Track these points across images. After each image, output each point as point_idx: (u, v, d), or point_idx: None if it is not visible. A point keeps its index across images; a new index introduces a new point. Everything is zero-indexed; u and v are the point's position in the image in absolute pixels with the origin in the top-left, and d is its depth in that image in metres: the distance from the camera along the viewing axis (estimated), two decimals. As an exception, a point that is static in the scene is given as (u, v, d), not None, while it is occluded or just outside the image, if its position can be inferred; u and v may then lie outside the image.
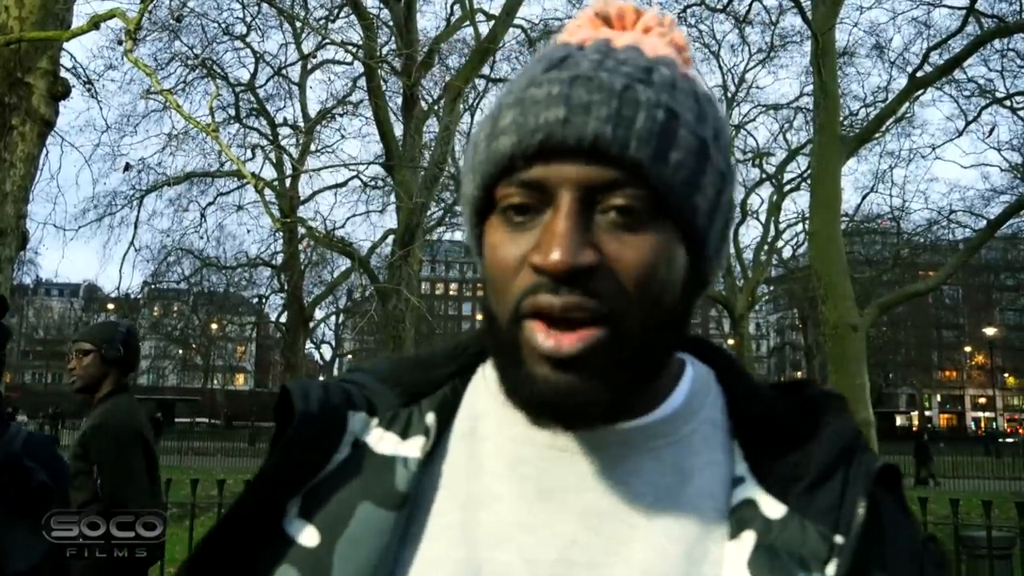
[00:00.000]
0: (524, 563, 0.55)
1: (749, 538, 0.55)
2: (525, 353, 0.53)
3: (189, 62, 16.58)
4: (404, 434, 0.61)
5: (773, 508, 0.56)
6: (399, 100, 14.64)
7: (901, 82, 16.44)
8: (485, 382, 0.64)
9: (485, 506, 0.58)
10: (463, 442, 0.62)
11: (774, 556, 0.54)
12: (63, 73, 5.11)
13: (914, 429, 51.37)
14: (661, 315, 0.55)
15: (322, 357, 45.75)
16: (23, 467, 1.50)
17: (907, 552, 0.57)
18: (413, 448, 0.60)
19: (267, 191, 9.54)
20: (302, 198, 21.54)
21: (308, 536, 0.57)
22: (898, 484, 0.60)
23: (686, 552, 0.55)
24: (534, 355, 0.53)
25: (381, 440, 0.61)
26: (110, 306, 31.19)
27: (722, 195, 0.57)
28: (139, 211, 18.39)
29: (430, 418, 0.62)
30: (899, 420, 52.97)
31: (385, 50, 14.10)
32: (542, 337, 0.52)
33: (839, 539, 0.54)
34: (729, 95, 24.33)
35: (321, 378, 0.67)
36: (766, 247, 25.84)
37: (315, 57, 18.62)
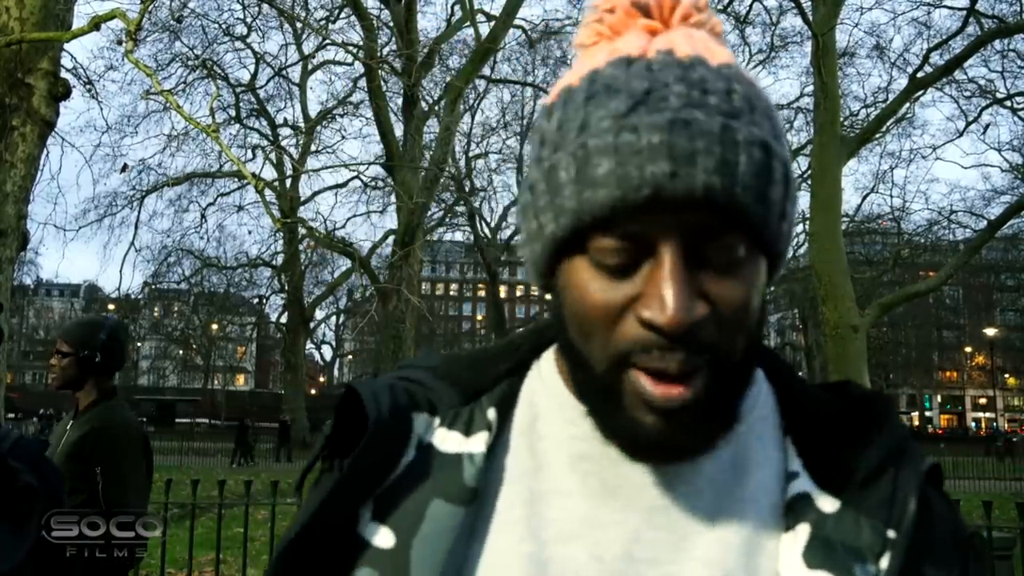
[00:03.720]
0: (591, 559, 0.56)
1: (804, 530, 0.56)
2: (628, 400, 0.53)
3: (189, 63, 16.61)
4: (467, 431, 0.62)
5: (827, 503, 0.57)
6: (399, 100, 14.66)
7: (901, 82, 16.44)
8: (541, 380, 0.65)
9: (550, 502, 0.59)
10: (524, 438, 0.62)
11: (829, 548, 0.55)
12: (64, 74, 5.11)
13: (915, 428, 51.38)
14: (755, 341, 0.56)
15: (322, 357, 45.78)
16: (8, 468, 1.48)
17: (954, 545, 0.58)
18: (478, 443, 0.61)
19: (267, 191, 9.54)
20: (302, 198, 21.58)
21: (384, 538, 0.58)
22: (941, 482, 0.62)
23: (745, 545, 0.56)
24: (639, 402, 0.53)
25: (445, 440, 0.62)
26: (111, 306, 31.18)
27: (794, 211, 0.58)
28: (139, 212, 18.51)
29: (491, 413, 0.63)
30: (899, 420, 52.88)
31: (385, 50, 14.10)
32: (650, 386, 0.52)
33: (891, 533, 0.55)
34: (729, 95, 24.31)
35: (385, 376, 0.68)
36: (766, 247, 25.79)
37: (315, 58, 18.65)
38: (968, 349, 57.14)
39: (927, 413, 59.76)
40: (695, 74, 0.53)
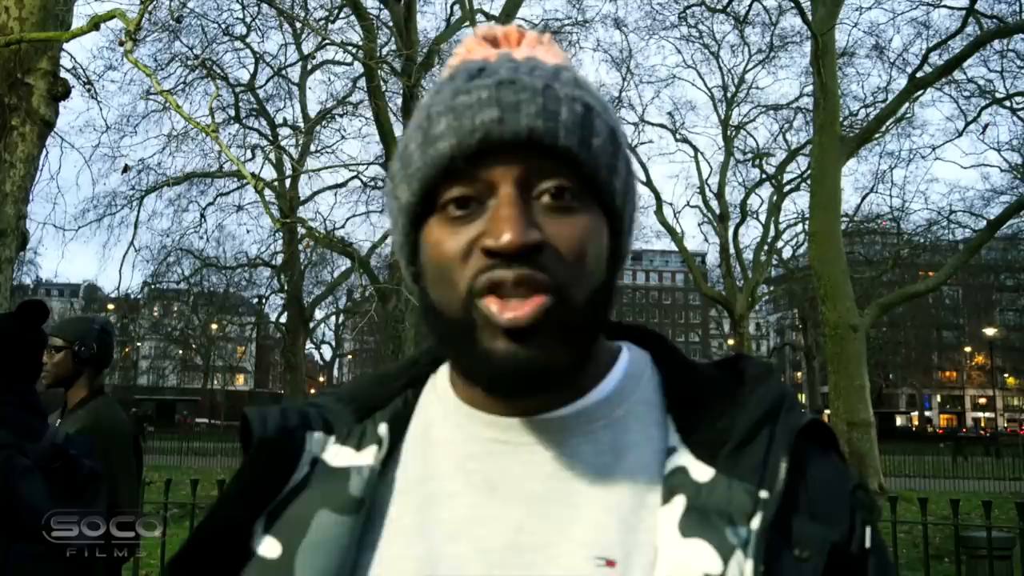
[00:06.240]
0: (477, 553, 0.59)
1: (680, 502, 0.58)
2: (480, 331, 0.57)
3: (189, 63, 16.57)
4: (358, 446, 0.66)
5: (702, 472, 0.60)
6: (399, 100, 14.63)
7: (901, 82, 16.44)
8: (435, 391, 0.68)
9: (439, 505, 0.62)
10: (417, 448, 0.66)
11: (703, 516, 0.57)
12: (63, 74, 5.10)
13: (914, 429, 51.39)
14: (596, 285, 0.60)
15: (322, 357, 45.75)
16: (71, 457, 1.61)
17: (835, 499, 0.60)
18: (367, 457, 0.65)
19: (267, 191, 9.56)
20: (302, 198, 21.56)
21: (270, 548, 0.61)
22: (829, 437, 0.64)
23: (622, 521, 0.58)
24: (491, 329, 0.57)
25: (337, 455, 0.65)
26: (110, 306, 31.17)
27: (631, 180, 0.63)
28: (139, 211, 18.39)
29: (383, 428, 0.66)
30: (899, 420, 52.99)
31: (385, 50, 14.10)
32: (498, 310, 0.56)
33: (764, 494, 0.58)
34: (729, 95, 24.32)
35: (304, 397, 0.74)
36: (766, 247, 25.80)
37: (315, 58, 18.64)
38: (968, 349, 57.17)
39: (927, 413, 59.77)
40: (526, 63, 0.62)
